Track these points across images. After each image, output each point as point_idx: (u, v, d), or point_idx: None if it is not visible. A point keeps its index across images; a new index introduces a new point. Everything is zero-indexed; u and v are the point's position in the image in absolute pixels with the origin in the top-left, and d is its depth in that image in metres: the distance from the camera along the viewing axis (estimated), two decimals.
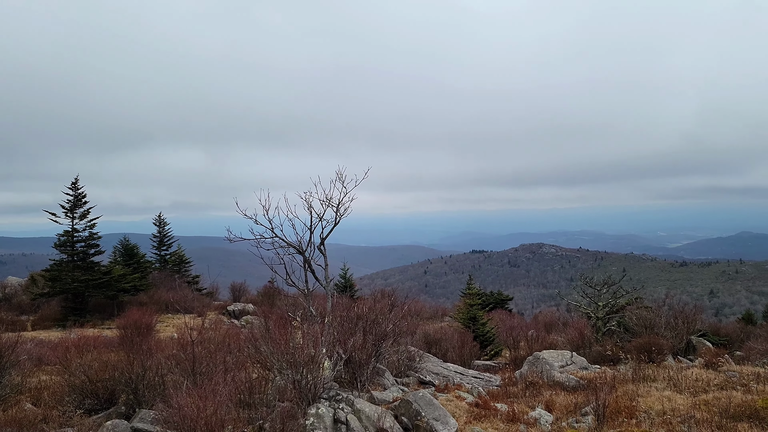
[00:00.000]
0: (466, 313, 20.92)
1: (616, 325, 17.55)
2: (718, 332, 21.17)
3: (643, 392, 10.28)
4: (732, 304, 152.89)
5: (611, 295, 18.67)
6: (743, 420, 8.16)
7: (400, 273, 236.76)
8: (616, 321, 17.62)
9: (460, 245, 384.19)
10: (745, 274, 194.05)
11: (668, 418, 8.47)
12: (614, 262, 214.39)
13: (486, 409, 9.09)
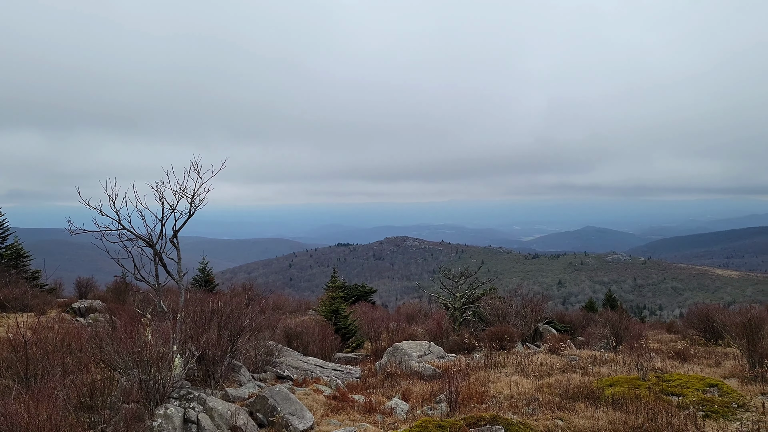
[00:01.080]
0: (328, 306, 20.99)
1: (472, 315, 18.44)
2: (563, 320, 22.90)
3: (494, 378, 10.86)
4: (577, 293, 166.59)
5: (468, 286, 19.61)
6: (581, 400, 8.86)
7: (264, 266, 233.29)
8: (472, 311, 18.52)
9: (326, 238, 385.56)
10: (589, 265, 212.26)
11: (515, 402, 9.02)
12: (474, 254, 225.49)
13: (344, 401, 9.17)
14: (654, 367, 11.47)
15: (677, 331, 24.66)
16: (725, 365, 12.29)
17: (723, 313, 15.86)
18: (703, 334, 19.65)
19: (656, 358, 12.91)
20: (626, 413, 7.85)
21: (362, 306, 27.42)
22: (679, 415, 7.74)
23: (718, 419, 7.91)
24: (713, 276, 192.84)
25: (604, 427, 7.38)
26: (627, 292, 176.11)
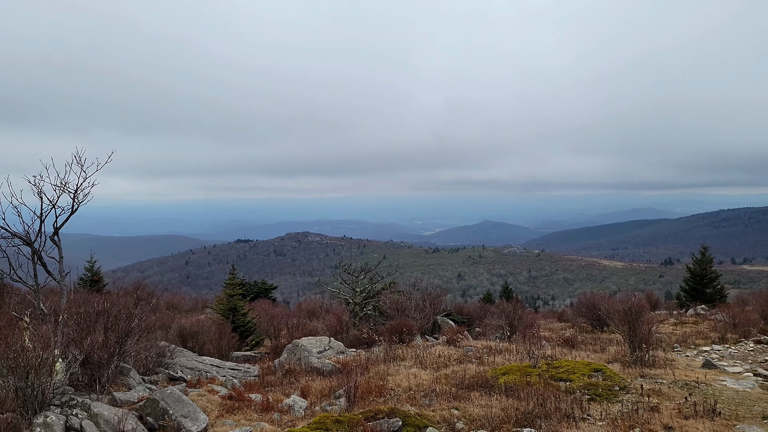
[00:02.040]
0: (226, 304, 20.50)
1: (372, 310, 18.61)
2: (461, 312, 23.57)
3: (393, 371, 11.00)
4: (476, 286, 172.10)
5: (368, 281, 19.76)
6: (476, 389, 9.14)
7: (160, 264, 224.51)
8: (372, 306, 18.68)
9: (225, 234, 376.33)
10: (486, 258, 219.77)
11: (413, 393, 9.18)
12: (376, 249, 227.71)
13: (240, 401, 8.98)
14: (545, 354, 12.03)
15: (567, 320, 25.99)
16: (609, 351, 13.08)
17: (607, 302, 16.91)
18: (591, 322, 20.82)
19: (547, 346, 13.55)
20: (518, 400, 8.18)
21: (262, 303, 26.99)
22: (566, 400, 8.16)
23: (601, 402, 8.41)
24: (600, 267, 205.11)
25: (497, 414, 7.65)
26: (522, 283, 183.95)
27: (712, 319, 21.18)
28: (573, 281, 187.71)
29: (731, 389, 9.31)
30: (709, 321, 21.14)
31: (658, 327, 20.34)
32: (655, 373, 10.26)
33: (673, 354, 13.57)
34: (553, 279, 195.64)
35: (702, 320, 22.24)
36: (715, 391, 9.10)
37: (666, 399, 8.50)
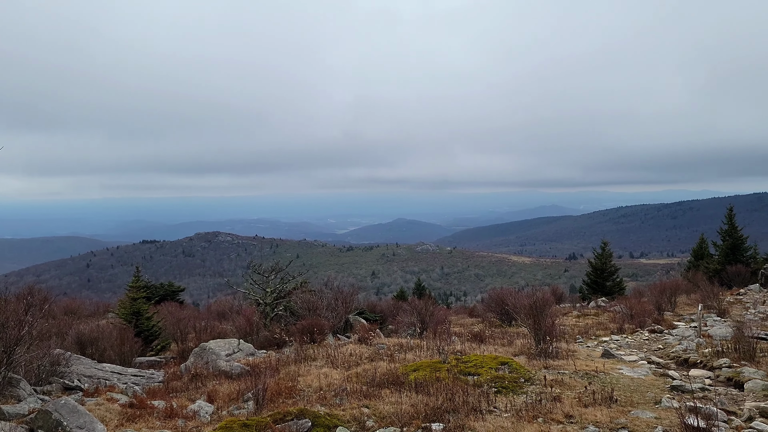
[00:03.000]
0: (129, 308, 19.64)
1: (283, 310, 18.38)
2: (374, 309, 23.71)
3: (304, 372, 10.90)
4: (390, 283, 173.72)
5: (279, 281, 19.50)
6: (387, 386, 9.20)
7: (58, 267, 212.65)
8: (283, 306, 18.45)
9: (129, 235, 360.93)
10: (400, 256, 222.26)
11: (324, 393, 9.12)
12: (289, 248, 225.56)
13: (142, 409, 8.61)
14: (455, 350, 12.28)
15: (478, 315, 26.70)
16: (516, 344, 13.51)
17: (514, 297, 17.48)
18: (499, 317, 21.48)
19: (457, 342, 13.85)
20: (428, 396, 8.30)
21: (169, 306, 26.10)
22: (474, 393, 8.35)
23: (507, 394, 8.67)
24: (510, 262, 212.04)
25: (407, 410, 7.72)
26: (435, 280, 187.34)
27: (612, 310, 22.35)
28: (484, 277, 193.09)
29: (627, 377, 9.84)
30: (609, 313, 22.29)
31: (563, 320, 21.25)
32: (558, 365, 10.69)
33: (576, 345, 14.20)
34: (465, 275, 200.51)
35: (603, 312, 23.42)
36: (612, 379, 9.59)
37: (568, 389, 8.86)
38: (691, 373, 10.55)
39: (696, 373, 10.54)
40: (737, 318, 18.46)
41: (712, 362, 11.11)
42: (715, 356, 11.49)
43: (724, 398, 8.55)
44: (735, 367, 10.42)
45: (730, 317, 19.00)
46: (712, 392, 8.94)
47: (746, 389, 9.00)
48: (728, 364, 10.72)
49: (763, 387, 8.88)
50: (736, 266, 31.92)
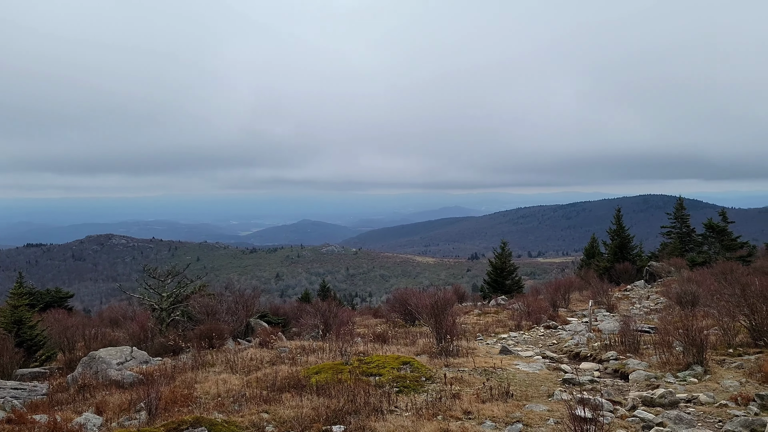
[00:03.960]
0: (10, 317, 18.32)
1: (180, 315, 17.77)
2: (277, 312, 23.39)
3: (201, 378, 10.58)
4: (295, 285, 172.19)
5: (176, 285, 18.83)
6: (288, 390, 9.09)
7: None
8: (180, 311, 17.85)
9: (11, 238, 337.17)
10: (305, 257, 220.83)
11: (222, 400, 8.89)
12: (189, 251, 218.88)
13: (21, 424, 8.05)
14: (358, 351, 12.32)
15: (382, 316, 26.90)
16: (419, 343, 13.72)
17: (416, 297, 17.77)
18: (403, 317, 21.74)
19: (360, 343, 13.89)
20: (329, 398, 8.26)
21: (56, 313, 24.56)
22: (376, 394, 8.40)
23: (409, 393, 8.78)
24: (415, 263, 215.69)
25: (308, 414, 7.66)
26: (341, 281, 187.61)
27: (511, 308, 23.18)
28: (389, 277, 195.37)
29: (523, 372, 10.23)
30: (508, 310, 23.10)
31: (464, 318, 21.81)
32: (459, 362, 10.96)
33: (476, 343, 14.60)
34: (371, 276, 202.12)
35: (502, 310, 24.23)
36: (509, 375, 9.94)
37: (467, 386, 9.10)
38: (581, 366, 11.11)
39: (586, 366, 11.10)
40: (624, 313, 19.65)
41: (601, 355, 11.76)
42: (603, 349, 12.16)
43: (611, 389, 9.07)
44: (621, 359, 11.08)
45: (618, 312, 20.19)
46: (600, 384, 9.46)
47: (631, 379, 9.58)
48: (615, 357, 11.38)
49: (646, 377, 9.50)
50: (623, 264, 33.97)
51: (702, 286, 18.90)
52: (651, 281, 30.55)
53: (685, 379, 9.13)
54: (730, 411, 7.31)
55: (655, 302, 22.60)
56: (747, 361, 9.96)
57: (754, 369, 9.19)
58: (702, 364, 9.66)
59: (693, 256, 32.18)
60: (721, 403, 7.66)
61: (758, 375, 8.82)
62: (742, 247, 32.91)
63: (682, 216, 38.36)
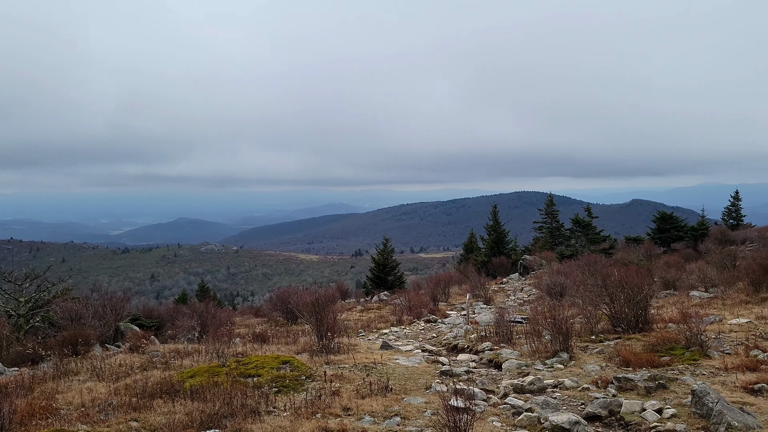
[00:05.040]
0: None
1: (41, 321, 16.55)
2: (151, 315, 22.37)
3: (64, 388, 9.91)
4: (172, 286, 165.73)
5: (36, 288, 17.50)
6: (160, 396, 8.71)
7: None
8: (40, 317, 16.62)
9: None
10: (182, 257, 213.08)
11: (86, 410, 8.37)
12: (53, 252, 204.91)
13: None
14: (236, 352, 12.04)
15: (264, 315, 26.49)
16: (300, 342, 13.64)
17: (297, 295, 17.65)
18: (285, 315, 21.53)
19: (239, 344, 13.60)
20: (204, 402, 8.02)
21: None
22: (254, 395, 8.25)
23: (288, 393, 8.70)
24: (298, 261, 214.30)
25: (182, 419, 7.39)
26: (221, 281, 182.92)
27: (393, 304, 23.60)
28: (272, 276, 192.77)
29: (403, 366, 10.45)
30: (390, 306, 23.52)
31: (347, 315, 21.95)
32: (340, 359, 11.00)
33: (358, 339, 14.73)
34: (253, 275, 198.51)
35: (385, 305, 24.64)
36: (389, 369, 10.11)
37: (347, 382, 9.16)
38: (458, 358, 11.52)
39: (463, 357, 11.53)
40: (500, 305, 20.60)
41: (477, 346, 12.25)
42: (479, 341, 12.68)
43: (485, 379, 9.47)
44: (495, 350, 11.61)
45: (495, 304, 21.14)
46: (475, 374, 9.86)
47: (504, 368, 10.06)
48: (490, 347, 11.90)
49: (518, 365, 10.00)
50: (500, 258, 35.60)
51: (569, 278, 20.18)
52: (525, 274, 32.23)
53: (553, 366, 9.72)
54: (592, 394, 7.86)
55: (528, 294, 23.88)
56: (607, 347, 10.76)
57: (613, 354, 9.94)
58: (568, 351, 10.31)
59: (562, 250, 34.28)
60: (584, 387, 8.22)
61: (617, 359, 9.55)
62: (605, 241, 35.49)
63: (552, 212, 40.80)
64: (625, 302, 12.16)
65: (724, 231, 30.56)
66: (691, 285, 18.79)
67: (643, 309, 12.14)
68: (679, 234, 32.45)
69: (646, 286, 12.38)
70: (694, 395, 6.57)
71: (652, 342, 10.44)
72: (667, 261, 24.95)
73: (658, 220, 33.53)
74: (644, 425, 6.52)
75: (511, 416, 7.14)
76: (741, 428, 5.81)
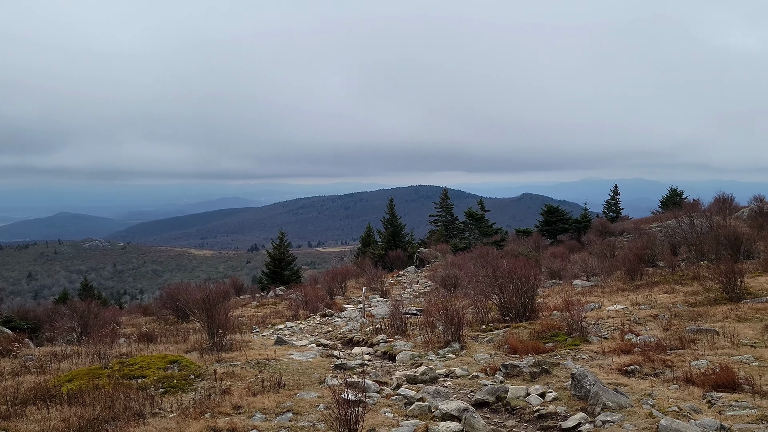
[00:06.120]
0: None
1: None
2: (26, 316, 21.01)
3: None
4: (52, 285, 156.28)
5: None
6: (34, 402, 8.18)
7: None
8: None
9: None
10: (64, 254, 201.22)
11: None
12: None
13: None
14: (120, 353, 11.52)
15: (153, 313, 25.53)
16: (191, 340, 13.26)
17: (186, 292, 17.13)
18: (176, 313, 20.85)
19: (124, 344, 13.03)
20: (83, 406, 7.61)
21: None
22: (138, 397, 7.91)
23: (176, 393, 8.42)
24: (190, 256, 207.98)
25: (58, 426, 6.98)
26: (107, 279, 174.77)
27: (289, 298, 23.41)
28: (163, 273, 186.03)
29: (297, 361, 10.38)
30: (287, 301, 23.32)
31: (242, 311, 21.57)
32: (232, 357, 10.77)
33: (252, 336, 14.50)
34: (142, 272, 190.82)
35: (281, 300, 24.41)
36: (282, 365, 10.02)
37: (239, 380, 8.98)
38: (353, 351, 11.60)
39: (358, 350, 11.61)
40: (396, 297, 20.93)
41: (372, 339, 12.39)
42: (375, 333, 12.83)
43: (379, 371, 9.59)
44: (390, 342, 11.78)
45: (391, 297, 21.44)
46: (369, 366, 9.96)
47: (398, 360, 10.23)
48: (385, 340, 12.07)
49: (411, 357, 10.20)
50: (396, 251, 36.12)
51: (462, 270, 20.82)
52: (421, 266, 32.91)
53: (445, 356, 9.99)
54: (481, 381, 8.14)
55: (424, 286, 24.42)
56: (496, 336, 11.19)
57: (501, 342, 10.36)
58: (459, 341, 10.63)
59: (456, 242, 35.29)
60: (474, 375, 8.51)
61: (505, 347, 9.96)
62: (496, 233, 36.87)
63: (447, 205, 41.86)
64: (513, 292, 12.69)
65: (604, 223, 32.58)
66: (574, 274, 19.91)
67: (530, 298, 12.72)
68: (565, 226, 34.28)
69: (533, 276, 12.98)
70: (574, 378, 6.97)
71: (538, 330, 10.98)
72: (554, 252, 26.30)
73: (546, 213, 35.27)
74: (528, 409, 6.84)
75: (403, 406, 7.27)
76: (614, 407, 6.22)
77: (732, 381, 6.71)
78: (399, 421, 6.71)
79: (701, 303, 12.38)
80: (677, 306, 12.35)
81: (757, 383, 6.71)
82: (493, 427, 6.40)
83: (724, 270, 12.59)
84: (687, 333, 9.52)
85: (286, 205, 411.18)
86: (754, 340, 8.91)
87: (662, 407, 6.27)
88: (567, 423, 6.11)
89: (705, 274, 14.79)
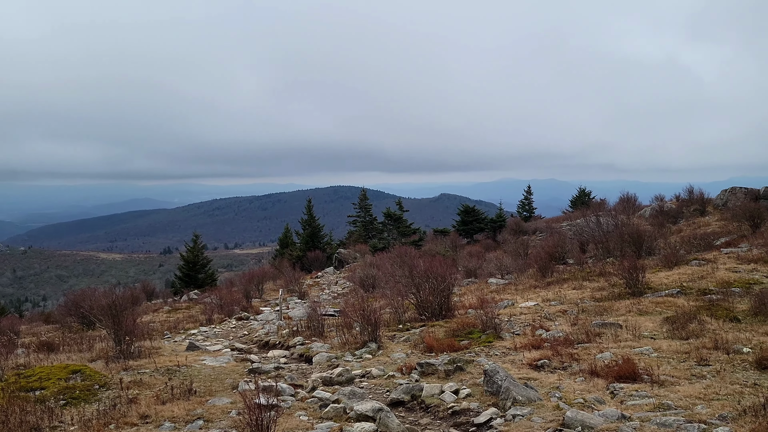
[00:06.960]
0: None
1: None
2: None
3: None
4: None
5: None
6: None
7: None
8: None
9: None
10: None
11: None
12: None
13: None
14: (17, 364, 10.90)
15: (56, 321, 24.31)
16: (96, 348, 12.69)
17: (91, 298, 16.41)
18: (81, 320, 19.91)
19: (22, 354, 12.35)
20: None
21: None
22: (36, 411, 7.50)
23: (78, 404, 8.04)
24: (98, 260, 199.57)
25: None
26: (6, 285, 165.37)
27: (203, 302, 22.84)
28: (68, 278, 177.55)
29: (209, 367, 10.13)
30: (201, 304, 22.73)
31: (154, 316, 20.88)
32: (140, 364, 10.39)
33: (162, 342, 14.03)
34: (44, 277, 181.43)
35: (195, 305, 23.77)
36: (194, 371, 9.74)
37: (147, 388, 8.67)
38: (269, 354, 11.44)
39: (274, 353, 11.46)
40: (314, 299, 20.81)
41: (289, 342, 12.26)
42: (292, 336, 12.70)
43: (295, 373, 9.50)
44: (307, 344, 11.70)
45: (309, 298, 21.29)
46: (285, 369, 9.85)
47: (314, 362, 10.17)
48: (302, 342, 11.97)
49: (328, 358, 10.17)
50: (315, 252, 35.91)
51: (381, 270, 20.95)
52: (340, 267, 32.88)
53: (362, 356, 10.01)
54: (397, 381, 8.21)
55: (343, 287, 24.40)
56: (413, 335, 11.31)
57: (418, 341, 10.48)
58: (376, 341, 10.68)
59: (375, 242, 35.48)
60: (390, 375, 8.57)
61: (421, 346, 10.08)
62: (415, 233, 37.33)
63: (366, 205, 41.99)
64: (430, 291, 12.87)
65: (518, 222, 33.62)
66: (490, 273, 20.42)
67: (446, 297, 12.95)
68: (481, 225, 35.13)
69: (449, 275, 13.22)
70: (486, 375, 7.14)
71: (454, 328, 11.18)
72: (470, 251, 26.89)
73: (462, 212, 36.02)
74: (443, 406, 6.95)
75: (319, 409, 7.22)
76: (524, 401, 6.42)
77: (633, 372, 7.07)
78: (314, 423, 6.66)
79: (606, 298, 12.99)
80: (585, 301, 12.90)
81: (655, 373, 7.12)
82: (407, 425, 6.46)
83: (627, 266, 13.27)
84: (593, 327, 9.96)
85: (202, 206, 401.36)
86: (653, 333, 9.43)
87: (569, 399, 6.53)
88: (479, 418, 6.25)
89: (610, 271, 15.53)
